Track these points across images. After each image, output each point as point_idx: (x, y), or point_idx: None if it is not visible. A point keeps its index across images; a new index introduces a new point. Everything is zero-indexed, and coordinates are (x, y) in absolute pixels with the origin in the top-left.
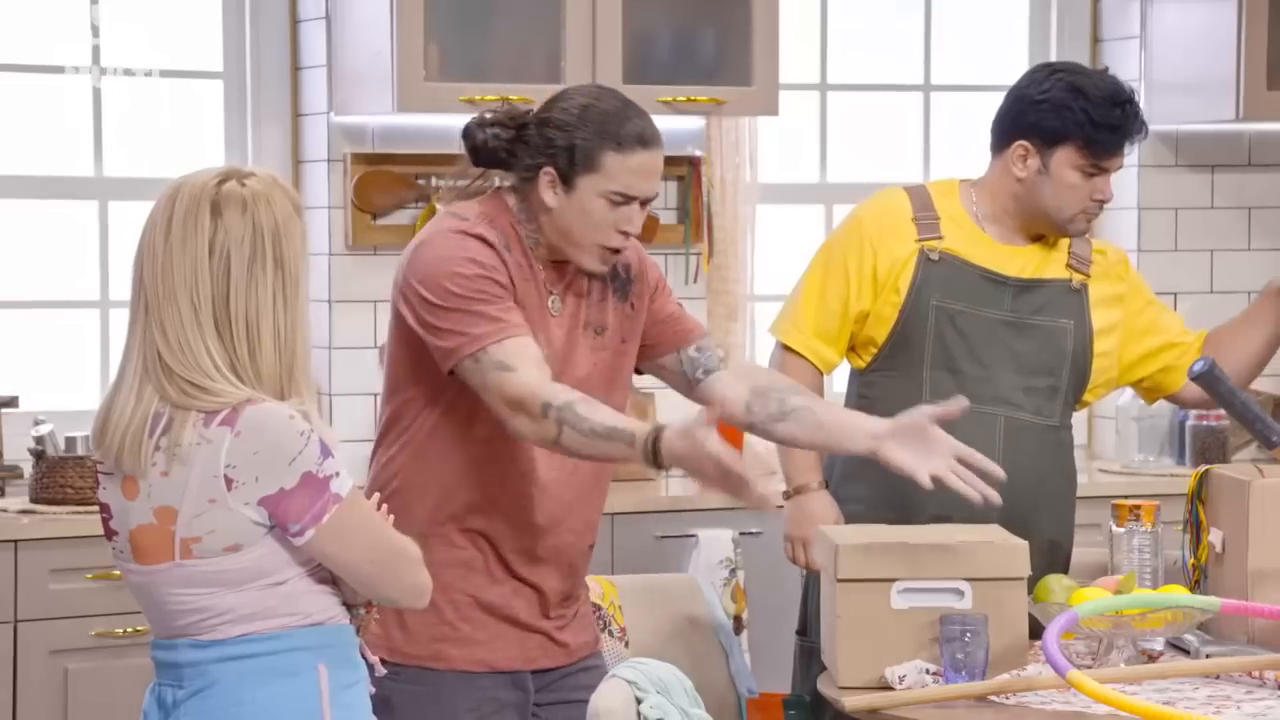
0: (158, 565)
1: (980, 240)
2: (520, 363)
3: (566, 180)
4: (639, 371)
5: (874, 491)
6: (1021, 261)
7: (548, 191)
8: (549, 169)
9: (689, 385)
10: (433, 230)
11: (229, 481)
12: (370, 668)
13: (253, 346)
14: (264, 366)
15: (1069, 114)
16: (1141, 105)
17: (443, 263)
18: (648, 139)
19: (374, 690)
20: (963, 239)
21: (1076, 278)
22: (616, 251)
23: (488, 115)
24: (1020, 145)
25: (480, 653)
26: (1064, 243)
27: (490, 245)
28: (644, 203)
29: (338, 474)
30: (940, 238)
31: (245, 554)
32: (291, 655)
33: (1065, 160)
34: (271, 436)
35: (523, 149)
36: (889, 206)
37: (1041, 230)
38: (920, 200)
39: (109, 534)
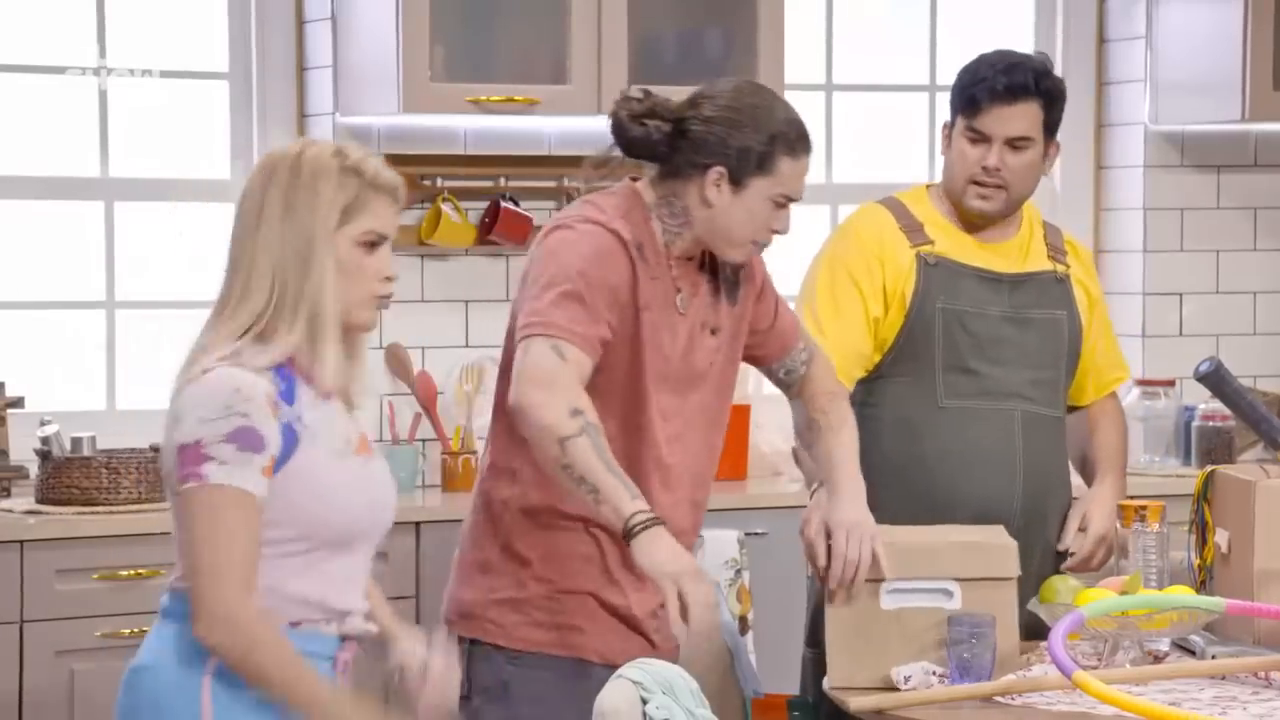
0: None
1: (963, 240)
2: (576, 364)
3: (736, 181)
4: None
5: (902, 502)
6: (1007, 257)
7: (712, 189)
8: (720, 168)
9: (781, 385)
10: (571, 217)
11: (175, 419)
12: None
13: None
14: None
15: (956, 82)
16: (1148, 104)
17: (574, 246)
18: (810, 142)
19: None
20: (949, 242)
21: (1059, 269)
22: (763, 248)
23: (635, 106)
24: (945, 126)
25: (597, 644)
26: (1039, 234)
27: (624, 244)
28: None
29: (226, 464)
30: (931, 242)
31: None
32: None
33: (960, 129)
34: (208, 392)
35: (685, 144)
36: (877, 220)
37: (963, 214)
38: (898, 211)
39: None
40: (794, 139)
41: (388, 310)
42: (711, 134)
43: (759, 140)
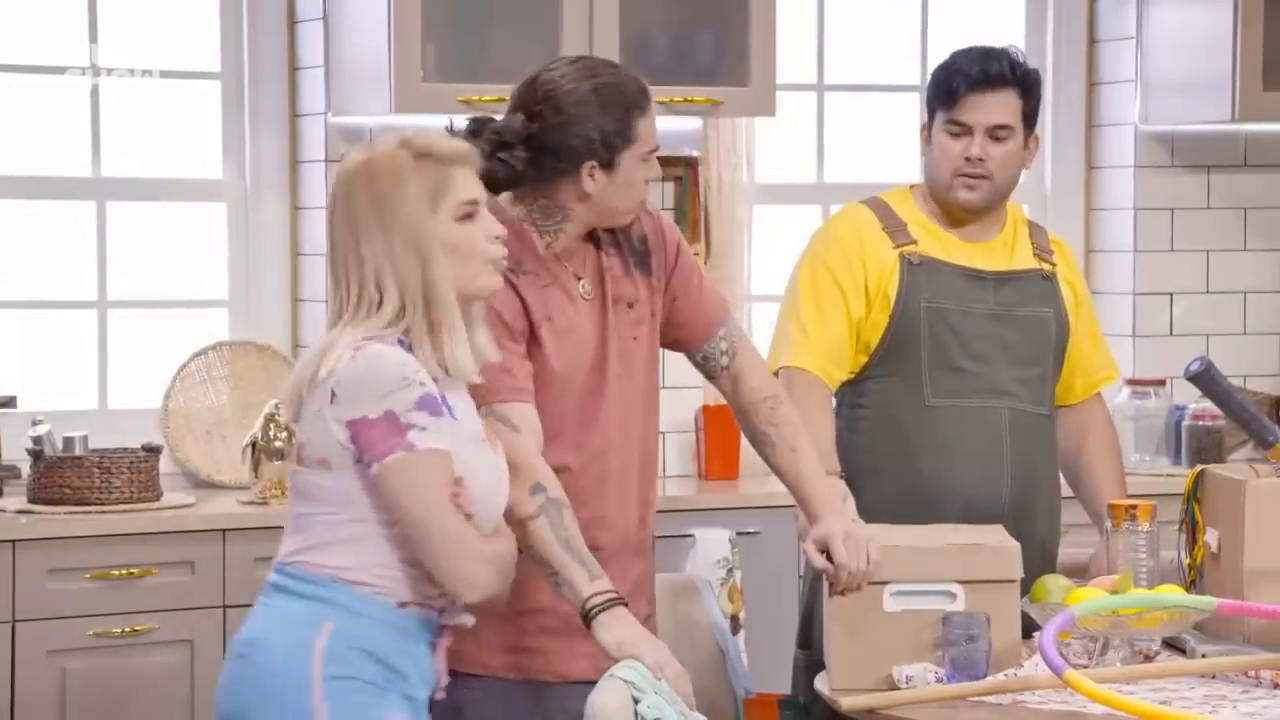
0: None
1: (948, 240)
2: (525, 428)
3: (608, 164)
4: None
5: (892, 500)
6: (992, 255)
7: (588, 181)
8: (590, 162)
9: (702, 370)
10: None
11: (333, 395)
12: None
13: None
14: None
15: (932, 78)
16: (1138, 104)
17: None
18: (648, 87)
19: (442, 696)
20: (933, 242)
21: (1046, 267)
22: (645, 203)
23: (484, 146)
24: (923, 127)
25: (554, 664)
26: (1024, 233)
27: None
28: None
29: (425, 429)
30: (914, 242)
31: (333, 475)
32: (308, 603)
33: (939, 124)
34: (376, 368)
35: (547, 157)
36: (859, 220)
37: (949, 211)
38: (882, 211)
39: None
40: (638, 94)
41: None
42: (569, 136)
43: (614, 117)
